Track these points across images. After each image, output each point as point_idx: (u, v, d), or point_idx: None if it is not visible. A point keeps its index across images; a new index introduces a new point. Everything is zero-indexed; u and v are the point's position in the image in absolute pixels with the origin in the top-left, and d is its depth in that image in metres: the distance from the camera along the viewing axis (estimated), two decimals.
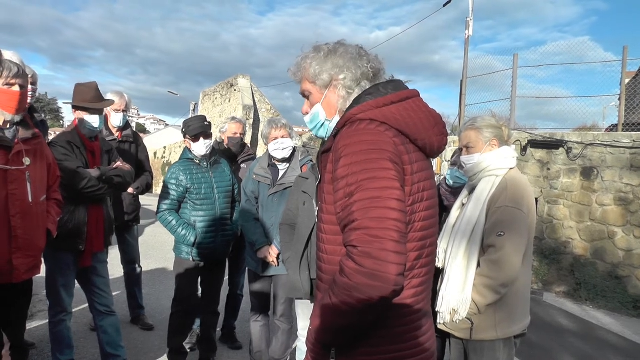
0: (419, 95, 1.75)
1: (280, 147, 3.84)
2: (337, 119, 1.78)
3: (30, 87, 3.22)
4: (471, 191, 2.88)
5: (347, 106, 1.73)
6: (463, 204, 2.93)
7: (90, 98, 3.59)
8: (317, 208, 1.77)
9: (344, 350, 1.65)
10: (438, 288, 2.76)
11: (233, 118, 5.02)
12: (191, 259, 3.99)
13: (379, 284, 1.43)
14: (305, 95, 1.87)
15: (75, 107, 3.61)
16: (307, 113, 1.87)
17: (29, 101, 3.14)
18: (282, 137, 3.85)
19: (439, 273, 2.79)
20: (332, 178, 1.61)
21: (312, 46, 1.82)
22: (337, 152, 1.59)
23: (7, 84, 2.79)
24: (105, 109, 4.72)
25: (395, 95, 1.67)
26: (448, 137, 1.87)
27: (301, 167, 3.87)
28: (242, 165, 4.84)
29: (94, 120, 3.58)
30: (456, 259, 2.70)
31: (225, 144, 4.87)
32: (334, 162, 1.61)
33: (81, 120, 3.58)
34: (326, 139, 1.80)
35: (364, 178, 1.50)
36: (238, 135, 4.87)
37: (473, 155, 2.84)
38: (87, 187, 3.42)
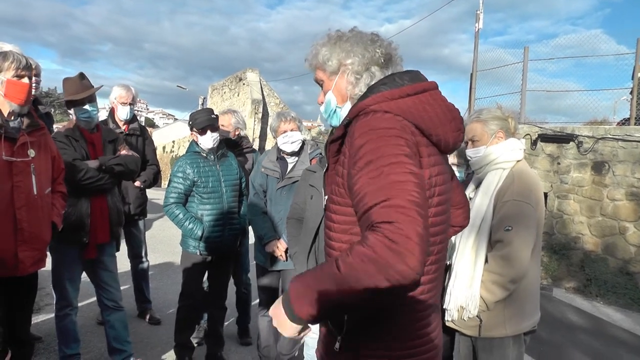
0: (437, 88, 1.69)
1: (289, 141, 3.80)
2: (348, 105, 1.73)
3: (34, 78, 3.21)
4: (478, 185, 2.83)
5: (357, 92, 1.69)
6: (470, 198, 2.88)
7: (75, 90, 3.57)
8: (326, 198, 1.72)
9: (351, 345, 1.61)
10: (445, 284, 2.72)
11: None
12: (198, 253, 3.97)
13: (405, 268, 1.24)
14: (318, 83, 1.83)
15: (67, 103, 3.61)
16: (322, 103, 1.83)
17: (33, 93, 3.13)
18: (291, 130, 3.81)
19: (446, 269, 2.75)
20: (348, 164, 1.52)
21: (326, 34, 1.77)
22: (352, 139, 1.52)
23: (17, 76, 2.79)
24: (112, 102, 4.77)
25: (411, 87, 1.61)
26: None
27: (310, 161, 3.84)
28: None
29: (85, 109, 3.56)
30: (463, 255, 2.66)
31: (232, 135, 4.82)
32: (348, 151, 1.54)
33: (75, 114, 3.58)
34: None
35: (385, 163, 1.40)
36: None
37: (479, 149, 2.79)
38: (84, 178, 3.41)
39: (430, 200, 1.55)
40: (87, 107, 3.56)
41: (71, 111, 3.61)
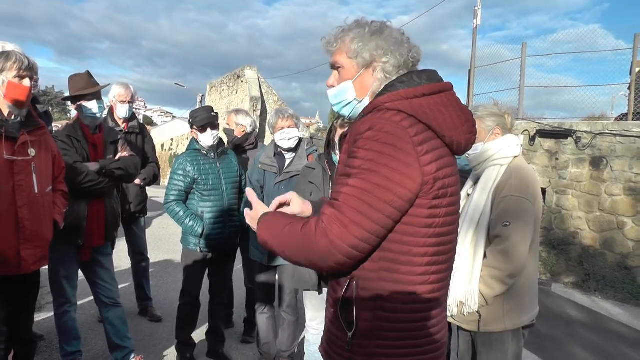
0: (452, 89, 1.69)
1: (287, 137, 3.82)
2: (366, 100, 1.72)
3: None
4: (476, 181, 2.84)
5: (380, 91, 1.67)
6: (468, 195, 2.89)
7: (83, 85, 3.59)
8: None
9: (360, 343, 1.64)
10: None
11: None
12: (199, 250, 3.98)
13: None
14: (335, 67, 1.78)
15: (72, 99, 3.60)
16: (333, 86, 1.78)
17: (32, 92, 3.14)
18: (289, 127, 3.83)
19: None
20: (348, 153, 1.59)
21: (355, 20, 1.74)
22: (357, 135, 1.56)
23: (19, 76, 2.78)
24: (111, 101, 4.77)
25: (427, 87, 1.61)
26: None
27: (307, 157, 3.86)
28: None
29: (92, 106, 3.57)
30: (462, 251, 2.67)
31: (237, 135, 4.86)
32: (350, 144, 1.58)
33: (80, 110, 3.58)
34: (346, 119, 1.77)
35: (369, 168, 1.49)
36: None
37: (476, 145, 2.79)
38: (84, 181, 3.41)
39: (442, 200, 1.58)
40: (94, 102, 3.56)
41: (73, 108, 3.60)
